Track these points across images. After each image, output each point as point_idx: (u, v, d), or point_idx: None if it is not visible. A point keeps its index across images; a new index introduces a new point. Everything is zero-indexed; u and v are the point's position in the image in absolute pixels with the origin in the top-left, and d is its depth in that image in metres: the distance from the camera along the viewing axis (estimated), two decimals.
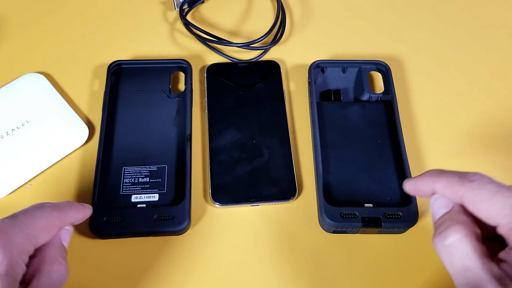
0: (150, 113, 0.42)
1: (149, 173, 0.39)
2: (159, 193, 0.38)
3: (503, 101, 0.46)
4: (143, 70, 0.45)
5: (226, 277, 0.37)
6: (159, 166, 0.39)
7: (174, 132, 0.41)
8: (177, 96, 0.43)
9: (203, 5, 0.52)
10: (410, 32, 0.50)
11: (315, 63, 0.45)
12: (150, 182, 0.39)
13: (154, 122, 0.42)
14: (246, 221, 0.39)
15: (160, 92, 0.43)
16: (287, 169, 0.40)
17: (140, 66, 0.45)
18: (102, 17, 0.50)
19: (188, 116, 0.42)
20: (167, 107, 0.43)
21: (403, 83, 0.46)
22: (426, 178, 0.29)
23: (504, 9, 0.52)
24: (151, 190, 0.38)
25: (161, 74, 0.45)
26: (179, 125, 0.42)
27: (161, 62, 0.45)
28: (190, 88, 0.44)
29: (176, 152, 0.40)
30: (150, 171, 0.39)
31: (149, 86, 0.44)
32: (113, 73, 0.44)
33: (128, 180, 0.39)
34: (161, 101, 0.43)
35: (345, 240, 0.38)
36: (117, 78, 0.44)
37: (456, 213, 0.27)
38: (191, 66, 0.45)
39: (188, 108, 0.42)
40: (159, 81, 0.44)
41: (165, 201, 0.38)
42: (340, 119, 0.42)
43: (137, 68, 0.45)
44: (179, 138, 0.41)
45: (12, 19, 0.50)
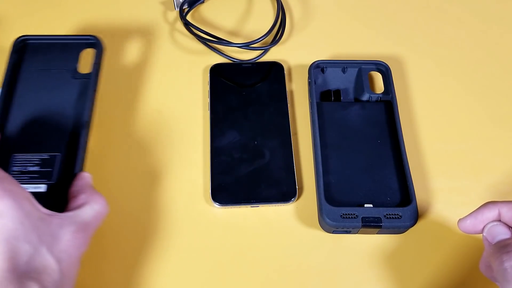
0: (51, 96, 0.38)
1: (40, 161, 0.35)
2: (47, 184, 0.35)
3: (503, 101, 0.46)
4: (50, 46, 0.40)
5: (226, 277, 0.37)
6: (51, 155, 0.36)
7: (72, 118, 0.37)
8: (83, 77, 0.39)
9: (203, 5, 0.52)
10: (410, 32, 0.50)
11: (315, 63, 0.45)
12: (40, 171, 0.35)
13: (53, 106, 0.38)
14: (245, 221, 0.39)
15: (65, 72, 0.39)
16: (288, 170, 0.40)
17: (48, 42, 0.41)
18: (102, 17, 0.50)
19: (89, 100, 0.38)
20: (70, 89, 0.39)
21: (403, 83, 0.46)
22: (489, 206, 0.32)
23: (504, 9, 0.52)
24: (39, 180, 0.35)
25: (69, 52, 0.40)
26: (78, 110, 0.38)
27: (70, 38, 0.41)
28: (96, 69, 0.39)
29: (71, 140, 0.37)
30: (41, 159, 0.35)
31: (54, 65, 0.40)
32: (19, 49, 0.40)
33: (16, 169, 0.35)
34: (65, 82, 0.39)
35: (345, 240, 0.38)
36: (22, 55, 0.40)
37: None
38: (101, 44, 0.41)
39: (90, 91, 0.38)
40: (66, 59, 0.40)
41: (54, 193, 0.34)
42: (340, 119, 0.42)
43: (44, 44, 0.41)
44: (76, 125, 0.37)
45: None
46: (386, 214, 0.37)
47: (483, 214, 0.31)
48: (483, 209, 0.32)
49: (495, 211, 0.31)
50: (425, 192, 0.40)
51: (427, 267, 0.37)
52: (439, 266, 0.37)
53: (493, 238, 0.30)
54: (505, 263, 0.28)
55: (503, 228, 0.31)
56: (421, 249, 0.38)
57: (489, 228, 0.31)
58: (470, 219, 0.32)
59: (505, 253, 0.28)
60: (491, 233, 0.31)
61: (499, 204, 0.31)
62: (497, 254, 0.29)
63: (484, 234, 0.31)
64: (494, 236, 0.30)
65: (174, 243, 0.38)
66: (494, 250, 0.30)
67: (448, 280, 0.37)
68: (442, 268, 0.37)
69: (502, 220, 0.31)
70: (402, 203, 0.38)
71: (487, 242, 0.31)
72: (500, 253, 0.29)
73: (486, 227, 0.31)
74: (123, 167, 0.41)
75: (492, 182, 0.41)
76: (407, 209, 0.37)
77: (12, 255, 0.27)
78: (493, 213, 0.31)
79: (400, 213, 0.37)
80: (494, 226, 0.31)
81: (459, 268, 0.37)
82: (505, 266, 0.28)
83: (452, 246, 0.38)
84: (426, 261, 0.37)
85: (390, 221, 0.37)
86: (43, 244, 0.28)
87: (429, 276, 0.37)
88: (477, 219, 0.32)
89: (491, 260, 0.30)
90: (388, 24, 0.51)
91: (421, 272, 0.37)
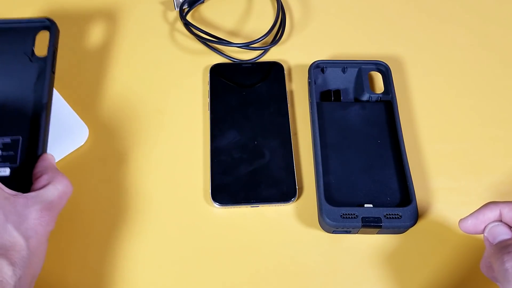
0: (9, 79, 0.38)
1: (1, 145, 0.35)
2: (11, 167, 0.34)
3: (503, 101, 0.46)
4: (4, 30, 0.40)
5: (226, 277, 0.37)
6: (13, 138, 0.35)
7: (31, 101, 0.37)
8: (40, 60, 0.39)
9: (203, 5, 0.52)
10: (410, 32, 0.50)
11: (315, 63, 0.45)
12: (2, 155, 0.35)
13: (12, 89, 0.38)
14: (245, 221, 0.39)
15: (22, 54, 0.39)
16: (288, 170, 0.40)
17: (1, 25, 0.40)
18: (101, 17, 0.50)
19: (47, 82, 0.37)
20: (28, 72, 0.38)
21: (403, 83, 0.46)
22: (490, 206, 0.32)
23: (504, 9, 0.52)
24: (2, 164, 0.34)
25: (24, 36, 0.40)
26: (37, 93, 0.37)
27: (23, 22, 0.40)
28: (52, 51, 0.39)
29: (32, 123, 0.36)
30: (2, 143, 0.35)
31: (10, 48, 0.39)
32: None
33: None
34: (23, 65, 0.38)
35: (345, 240, 0.38)
36: None
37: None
38: (56, 26, 0.40)
39: (47, 73, 0.38)
40: (22, 43, 0.39)
41: (18, 176, 0.34)
42: (340, 119, 0.42)
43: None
44: (36, 108, 0.37)
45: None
46: (386, 214, 0.37)
47: (484, 214, 0.31)
48: (484, 209, 0.32)
49: (496, 212, 0.31)
50: (425, 192, 0.40)
51: (427, 267, 0.37)
52: (439, 266, 0.37)
53: (494, 239, 0.30)
54: (506, 264, 0.28)
55: (504, 228, 0.31)
56: (421, 249, 0.38)
57: (490, 229, 0.31)
58: (471, 219, 0.32)
59: (506, 253, 0.28)
60: (492, 234, 0.31)
61: (501, 204, 0.31)
62: (498, 254, 0.29)
63: (485, 234, 0.31)
64: (495, 237, 0.31)
65: (174, 243, 0.38)
66: (495, 250, 0.30)
67: (448, 280, 0.37)
68: (442, 268, 0.37)
69: (504, 220, 0.31)
70: (402, 203, 0.38)
71: (488, 242, 0.31)
72: (501, 254, 0.29)
73: (487, 227, 0.31)
74: (123, 166, 0.41)
75: (492, 182, 0.41)
76: (407, 209, 0.37)
77: None
78: (494, 213, 0.31)
79: (400, 213, 0.37)
80: (495, 227, 0.31)
81: (459, 268, 0.37)
82: (506, 266, 0.28)
83: (452, 246, 0.38)
84: (426, 261, 0.37)
85: (390, 221, 0.37)
86: (9, 222, 0.29)
87: (429, 276, 0.37)
88: (478, 219, 0.32)
89: (492, 261, 0.30)
90: (388, 24, 0.51)
91: (421, 272, 0.37)
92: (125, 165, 0.41)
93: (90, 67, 0.47)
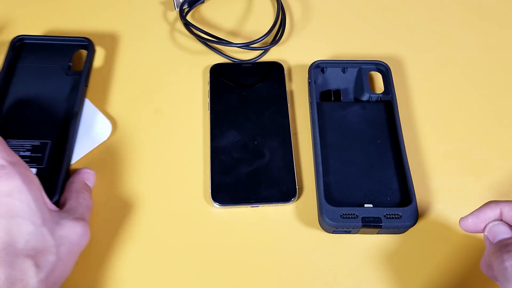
0: (44, 89, 0.42)
1: (31, 147, 0.38)
2: (37, 168, 0.37)
3: (503, 101, 0.46)
4: (46, 46, 0.44)
5: (226, 277, 0.37)
6: (42, 142, 0.39)
7: (64, 109, 0.41)
8: (75, 74, 0.43)
9: (203, 5, 0.52)
10: (410, 32, 0.50)
11: (315, 63, 0.45)
12: (31, 156, 0.38)
13: (46, 98, 0.41)
14: (245, 221, 0.39)
15: (59, 69, 0.43)
16: (288, 170, 0.40)
17: (43, 42, 0.45)
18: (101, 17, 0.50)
19: (79, 94, 0.41)
20: (63, 84, 0.42)
21: (403, 83, 0.46)
22: (490, 205, 0.32)
23: (504, 9, 0.52)
24: (29, 165, 0.36)
25: (63, 51, 0.44)
26: (70, 103, 0.41)
27: (64, 39, 0.45)
28: (88, 67, 0.43)
29: (62, 129, 0.40)
30: (32, 145, 0.38)
31: (49, 62, 0.43)
32: (16, 48, 0.44)
33: None
34: (58, 78, 0.42)
35: (345, 240, 0.38)
36: (19, 53, 0.44)
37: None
38: (93, 45, 0.45)
39: (81, 86, 0.42)
40: (60, 58, 0.44)
41: (43, 176, 0.36)
42: (340, 119, 0.42)
43: (40, 44, 0.44)
44: (67, 115, 0.40)
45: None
46: (386, 214, 0.37)
47: (485, 213, 0.31)
48: (485, 208, 0.32)
49: (497, 210, 0.31)
50: (425, 192, 0.40)
51: (427, 267, 0.37)
52: (439, 266, 0.37)
53: (494, 237, 0.30)
54: (506, 262, 0.28)
55: (505, 227, 0.31)
56: (421, 249, 0.38)
57: (491, 227, 0.31)
58: (472, 218, 0.32)
59: (506, 252, 0.28)
60: (492, 232, 0.31)
61: (501, 203, 0.31)
62: (498, 253, 0.29)
63: (485, 233, 0.31)
64: (495, 235, 0.31)
65: (174, 243, 0.38)
66: (495, 249, 0.30)
67: (448, 280, 0.37)
68: (442, 268, 0.37)
69: (504, 219, 0.31)
70: (402, 203, 0.38)
71: (488, 241, 0.31)
72: (500, 252, 0.29)
73: (487, 226, 0.31)
74: (123, 166, 0.41)
75: (492, 182, 0.41)
76: (407, 209, 0.37)
77: (13, 231, 0.29)
78: (495, 212, 0.31)
79: (400, 213, 0.37)
80: (495, 226, 0.31)
81: (459, 268, 0.37)
82: (506, 265, 0.28)
83: (452, 246, 0.38)
84: (426, 261, 0.37)
85: (390, 221, 0.37)
86: (45, 227, 0.30)
87: (429, 276, 0.37)
88: (478, 218, 0.32)
89: (492, 259, 0.30)
90: (388, 24, 0.51)
91: (421, 272, 0.37)
92: (125, 164, 0.41)
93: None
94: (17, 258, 0.29)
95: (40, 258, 0.29)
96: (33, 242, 0.30)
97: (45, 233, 0.30)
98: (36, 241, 0.30)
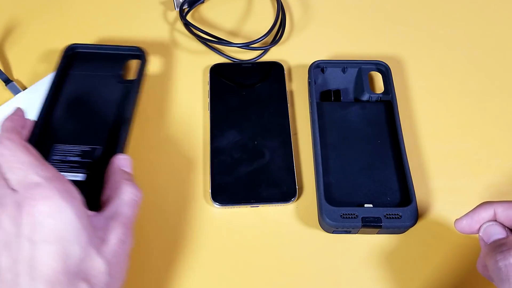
0: (96, 96, 0.42)
1: (81, 152, 0.38)
2: (86, 174, 0.37)
3: (503, 101, 0.46)
4: (98, 55, 0.45)
5: (225, 277, 0.37)
6: (92, 147, 0.38)
7: (115, 116, 0.41)
8: (127, 82, 0.43)
9: (203, 5, 0.52)
10: (410, 32, 0.50)
11: (315, 63, 0.45)
12: (80, 161, 0.37)
13: (98, 105, 0.41)
14: (245, 221, 0.39)
15: (112, 77, 0.43)
16: (288, 170, 0.40)
17: (96, 51, 0.45)
18: (101, 17, 0.50)
19: (132, 101, 0.41)
20: (115, 92, 0.42)
21: (403, 83, 0.46)
22: (484, 206, 0.32)
23: (504, 9, 0.52)
24: (78, 170, 0.37)
25: (115, 60, 0.44)
26: (121, 109, 0.41)
27: (117, 49, 0.45)
28: (141, 75, 0.43)
29: (113, 134, 0.39)
30: (82, 150, 0.38)
31: (101, 71, 0.44)
32: (68, 56, 0.44)
33: (56, 158, 0.37)
34: (110, 86, 0.43)
35: (345, 240, 0.38)
36: (71, 61, 0.44)
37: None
38: (145, 54, 0.45)
39: (133, 94, 0.42)
40: (113, 66, 0.44)
41: (92, 183, 0.36)
42: (340, 119, 0.42)
43: (93, 53, 0.45)
44: (119, 121, 0.40)
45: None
46: (386, 214, 0.37)
47: (479, 214, 0.32)
48: (479, 209, 0.32)
49: (490, 211, 0.31)
50: (425, 192, 0.40)
51: (427, 267, 0.37)
52: (439, 266, 0.37)
53: (489, 238, 0.31)
54: (500, 262, 0.28)
55: (499, 228, 0.31)
56: (421, 249, 0.38)
57: (485, 228, 0.31)
58: (466, 219, 0.32)
59: (499, 252, 0.29)
60: (486, 233, 0.31)
61: (495, 204, 0.31)
62: (492, 253, 0.29)
63: (480, 234, 0.32)
64: (489, 236, 0.31)
65: (173, 243, 0.38)
66: (489, 249, 0.30)
67: (448, 280, 0.37)
68: (442, 268, 0.37)
69: (498, 220, 0.31)
70: (402, 203, 0.38)
71: (483, 242, 0.31)
72: (494, 253, 0.29)
73: (482, 227, 0.31)
74: None
75: (492, 182, 0.41)
76: (407, 209, 0.37)
77: (63, 257, 0.27)
78: (488, 213, 0.31)
79: (400, 213, 0.37)
80: (489, 226, 0.31)
81: (459, 268, 0.37)
82: (500, 265, 0.28)
83: (452, 246, 0.38)
84: (426, 261, 0.37)
85: (390, 221, 0.37)
86: (92, 245, 0.28)
87: (429, 276, 0.37)
88: (473, 219, 0.32)
89: (487, 260, 0.30)
90: (388, 24, 0.51)
91: (421, 272, 0.37)
92: None
93: None
94: (73, 285, 0.27)
95: (93, 280, 0.28)
96: (83, 265, 0.28)
97: (92, 252, 0.28)
98: (85, 262, 0.28)
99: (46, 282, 0.26)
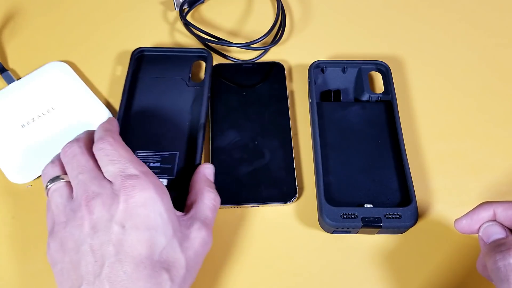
0: (168, 100, 0.43)
1: (160, 158, 0.39)
2: (168, 179, 0.38)
3: (503, 101, 0.46)
4: (164, 58, 0.45)
5: (225, 277, 0.37)
6: (171, 153, 0.39)
7: (189, 120, 0.41)
8: (195, 85, 0.44)
9: (203, 5, 0.52)
10: (410, 32, 0.50)
11: (315, 63, 0.45)
12: (161, 167, 0.39)
13: (171, 109, 0.42)
14: (245, 221, 0.39)
15: (180, 80, 0.44)
16: (288, 170, 0.40)
17: (162, 54, 0.46)
18: (102, 17, 0.50)
19: (204, 105, 0.42)
20: (185, 95, 0.43)
21: (403, 83, 0.46)
22: (484, 206, 0.32)
23: (504, 10, 0.52)
24: (160, 176, 0.38)
25: (182, 63, 0.45)
26: (194, 114, 0.42)
27: (182, 51, 0.46)
28: (209, 78, 0.44)
29: (189, 140, 0.40)
30: (161, 156, 0.39)
31: (169, 74, 0.44)
32: (136, 59, 0.45)
33: None
34: (180, 89, 0.43)
35: (345, 240, 0.38)
36: (139, 64, 0.45)
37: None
38: (211, 56, 0.45)
39: (204, 97, 0.42)
40: (180, 69, 0.45)
41: (174, 187, 0.38)
42: (340, 119, 0.42)
43: (159, 55, 0.45)
44: (193, 127, 0.41)
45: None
46: (386, 214, 0.37)
47: (478, 214, 0.32)
48: (479, 209, 0.32)
49: (490, 211, 0.31)
50: (425, 192, 0.40)
51: (427, 267, 0.37)
52: (439, 266, 0.37)
53: (488, 238, 0.31)
54: (499, 262, 0.28)
55: (498, 228, 0.31)
56: (421, 249, 0.38)
57: (485, 228, 0.31)
58: (466, 219, 0.32)
59: (498, 252, 0.29)
60: (486, 233, 0.31)
61: (494, 204, 0.32)
62: (491, 253, 0.29)
63: (479, 234, 0.32)
64: (489, 236, 0.31)
65: None
66: (488, 249, 0.30)
67: (448, 280, 0.37)
68: (442, 268, 0.37)
69: (498, 220, 0.31)
70: (402, 203, 0.38)
71: (482, 242, 0.31)
72: (494, 252, 0.29)
73: (481, 227, 0.32)
74: None
75: (492, 182, 0.41)
76: (407, 209, 0.37)
77: (151, 244, 0.29)
78: (488, 213, 0.31)
79: (400, 213, 0.37)
80: (489, 226, 0.31)
81: (459, 268, 0.37)
82: (499, 265, 0.28)
83: (452, 246, 0.38)
84: (426, 261, 0.37)
85: (390, 221, 0.37)
86: (175, 238, 0.30)
87: (429, 276, 0.37)
88: (472, 219, 0.32)
89: (486, 260, 0.30)
90: (388, 24, 0.51)
91: (421, 272, 0.37)
92: None
93: (91, 67, 0.47)
94: (155, 272, 0.28)
95: (173, 271, 0.29)
96: (166, 254, 0.29)
97: (175, 245, 0.30)
98: (168, 253, 0.30)
99: (133, 264, 0.28)
